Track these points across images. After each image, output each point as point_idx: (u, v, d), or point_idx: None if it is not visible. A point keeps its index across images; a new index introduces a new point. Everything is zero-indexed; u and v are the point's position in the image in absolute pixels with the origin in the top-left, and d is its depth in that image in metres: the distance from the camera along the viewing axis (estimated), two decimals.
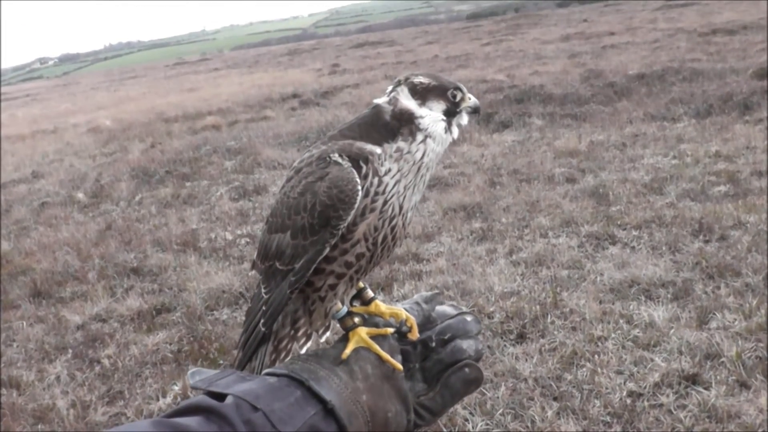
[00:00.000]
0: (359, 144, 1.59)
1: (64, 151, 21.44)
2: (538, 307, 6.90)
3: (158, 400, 6.26)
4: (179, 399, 6.15)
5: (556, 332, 6.46)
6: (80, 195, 14.46)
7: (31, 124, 31.54)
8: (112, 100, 39.80)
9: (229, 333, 7.30)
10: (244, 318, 1.80)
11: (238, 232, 10.61)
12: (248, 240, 10.11)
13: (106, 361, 7.11)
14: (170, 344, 7.34)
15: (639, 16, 45.12)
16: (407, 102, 1.63)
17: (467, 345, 1.62)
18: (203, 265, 9.39)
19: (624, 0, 65.43)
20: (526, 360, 6.07)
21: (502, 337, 6.51)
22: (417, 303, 1.70)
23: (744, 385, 5.36)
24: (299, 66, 45.98)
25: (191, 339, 7.35)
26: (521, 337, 6.49)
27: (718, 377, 5.49)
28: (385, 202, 1.58)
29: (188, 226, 11.28)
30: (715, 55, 22.11)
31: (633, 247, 8.21)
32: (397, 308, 1.67)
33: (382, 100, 1.66)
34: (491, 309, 6.99)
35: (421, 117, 1.62)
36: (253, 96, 28.57)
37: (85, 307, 8.49)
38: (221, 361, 6.79)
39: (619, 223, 8.93)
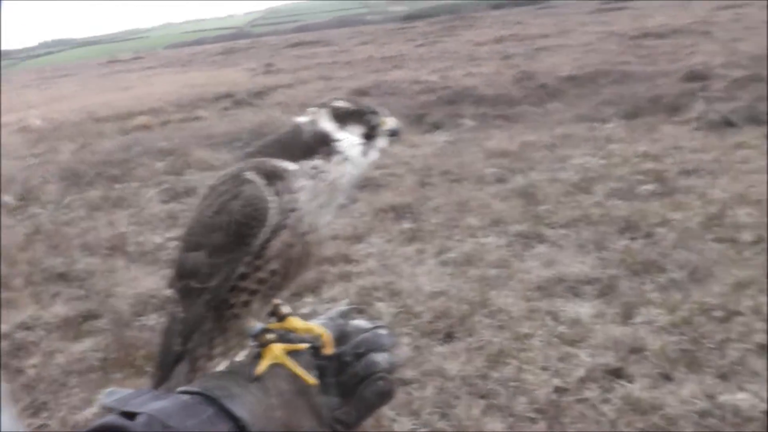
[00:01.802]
0: (274, 161, 1.58)
1: None
2: (466, 306, 6.91)
3: (84, 410, 6.04)
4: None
5: (483, 331, 6.46)
6: (7, 198, 13.98)
7: None
8: (43, 99, 38.74)
9: (157, 339, 7.12)
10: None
11: (167, 235, 10.36)
12: (178, 243, 9.89)
13: (30, 371, 6.87)
14: (97, 352, 7.10)
15: (572, 19, 45.82)
16: (327, 125, 1.64)
17: (381, 358, 1.60)
18: (131, 269, 9.15)
19: (558, 3, 66.57)
20: (454, 359, 6.07)
21: (429, 337, 6.50)
22: (332, 318, 1.69)
23: (667, 378, 5.46)
24: (233, 65, 45.41)
25: (118, 346, 7.14)
26: (449, 337, 6.48)
27: (642, 370, 5.57)
28: (298, 219, 1.57)
29: (117, 230, 10.97)
30: (646, 58, 22.59)
31: (560, 246, 8.30)
32: (312, 324, 1.66)
33: (302, 120, 1.66)
34: (419, 309, 6.98)
35: (339, 140, 1.63)
36: (186, 95, 28.08)
37: (9, 315, 8.19)
38: (147, 368, 6.61)
39: (547, 222, 9.02)
